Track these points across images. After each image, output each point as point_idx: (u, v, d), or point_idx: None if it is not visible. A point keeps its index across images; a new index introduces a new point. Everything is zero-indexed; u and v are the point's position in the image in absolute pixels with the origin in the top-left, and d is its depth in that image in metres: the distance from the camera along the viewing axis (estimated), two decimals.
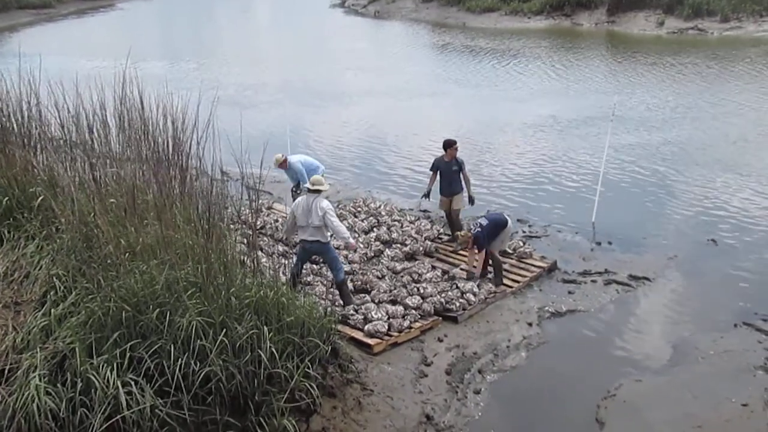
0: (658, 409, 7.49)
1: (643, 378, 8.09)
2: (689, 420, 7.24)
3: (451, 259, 10.79)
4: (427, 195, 11.35)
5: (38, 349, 5.97)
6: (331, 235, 9.06)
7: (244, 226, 8.39)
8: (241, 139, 7.50)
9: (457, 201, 11.02)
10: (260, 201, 10.46)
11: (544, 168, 15.43)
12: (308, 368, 6.60)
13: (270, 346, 6.34)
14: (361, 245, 10.66)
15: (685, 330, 9.07)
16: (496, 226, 10.01)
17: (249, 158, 7.29)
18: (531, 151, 16.80)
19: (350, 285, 9.49)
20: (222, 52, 33.21)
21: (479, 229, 9.88)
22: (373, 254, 10.65)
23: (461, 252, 10.68)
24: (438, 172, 11.10)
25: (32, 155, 8.47)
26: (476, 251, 10.02)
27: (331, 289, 9.25)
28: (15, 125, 8.89)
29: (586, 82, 23.64)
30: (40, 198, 7.41)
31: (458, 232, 10.27)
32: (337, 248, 9.94)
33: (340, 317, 8.47)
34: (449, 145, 10.93)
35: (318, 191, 8.89)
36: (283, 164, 11.83)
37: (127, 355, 5.98)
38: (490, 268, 10.16)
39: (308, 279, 9.68)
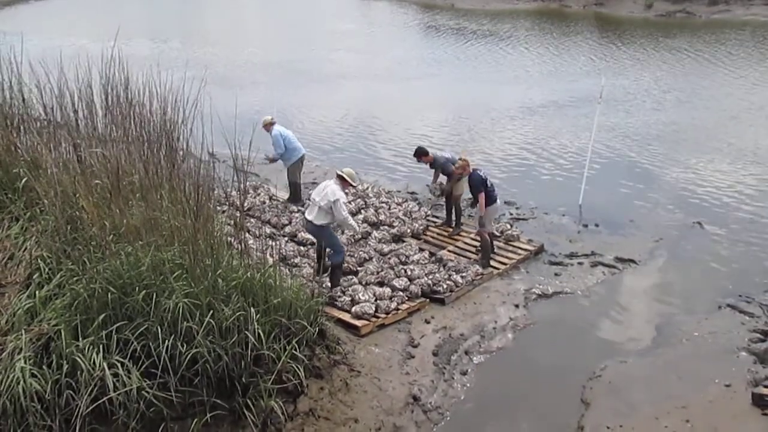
0: (643, 389, 7.56)
1: (628, 359, 8.17)
2: (673, 401, 7.32)
3: (438, 241, 10.81)
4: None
5: (23, 331, 5.94)
6: (329, 224, 8.99)
7: (231, 207, 8.33)
8: (235, 119, 7.43)
9: (459, 186, 11.02)
10: (248, 182, 10.40)
11: (532, 150, 15.43)
12: (295, 350, 6.61)
13: (257, 328, 6.34)
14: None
15: (670, 312, 9.15)
16: (491, 190, 10.05)
17: (238, 140, 7.22)
18: (518, 133, 16.77)
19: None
20: (208, 33, 32.82)
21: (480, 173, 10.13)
22: (360, 236, 10.64)
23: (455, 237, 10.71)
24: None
25: (15, 136, 8.36)
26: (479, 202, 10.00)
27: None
28: None
29: (574, 65, 23.59)
30: (24, 179, 7.32)
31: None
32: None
33: (327, 299, 8.47)
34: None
35: (343, 179, 8.88)
36: (268, 126, 11.86)
37: (114, 337, 5.96)
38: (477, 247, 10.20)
39: (295, 261, 9.66)
